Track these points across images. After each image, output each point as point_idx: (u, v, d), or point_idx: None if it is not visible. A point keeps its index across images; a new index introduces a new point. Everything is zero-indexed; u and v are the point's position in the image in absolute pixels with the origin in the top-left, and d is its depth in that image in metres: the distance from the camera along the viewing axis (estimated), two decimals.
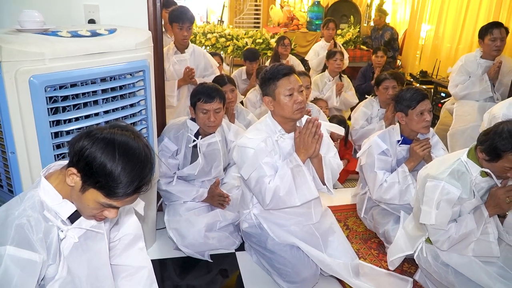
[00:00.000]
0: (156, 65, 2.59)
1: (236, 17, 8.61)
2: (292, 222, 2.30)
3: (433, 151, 2.77)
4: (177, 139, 2.62)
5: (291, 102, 2.11)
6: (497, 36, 3.55)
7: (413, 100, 2.61)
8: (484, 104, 3.71)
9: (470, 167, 2.14)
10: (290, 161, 2.15)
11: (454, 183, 2.11)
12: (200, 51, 3.73)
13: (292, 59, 5.54)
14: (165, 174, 2.62)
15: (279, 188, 2.10)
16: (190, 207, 2.65)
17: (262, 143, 2.14)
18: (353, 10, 7.46)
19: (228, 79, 3.39)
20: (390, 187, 2.63)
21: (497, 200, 2.06)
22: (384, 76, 3.78)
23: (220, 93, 2.54)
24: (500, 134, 1.98)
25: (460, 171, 2.14)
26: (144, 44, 2.10)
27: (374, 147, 2.71)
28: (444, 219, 2.11)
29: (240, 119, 3.57)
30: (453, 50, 6.02)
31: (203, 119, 2.53)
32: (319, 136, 2.12)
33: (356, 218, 3.09)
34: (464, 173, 2.14)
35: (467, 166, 2.15)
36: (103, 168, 1.16)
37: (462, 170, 2.15)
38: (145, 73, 2.12)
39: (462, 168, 2.15)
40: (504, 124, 2.02)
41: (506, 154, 1.96)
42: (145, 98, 2.17)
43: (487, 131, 2.07)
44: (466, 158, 2.17)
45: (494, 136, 2.00)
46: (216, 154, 2.70)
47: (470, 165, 2.14)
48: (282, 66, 2.14)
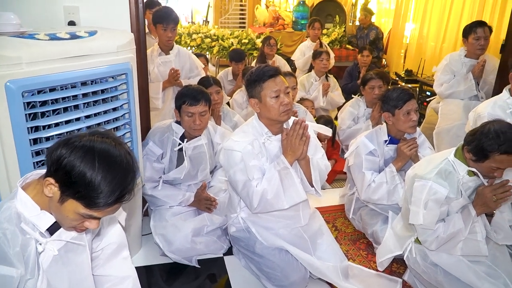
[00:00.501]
0: (139, 67, 2.54)
1: (222, 17, 8.56)
2: (280, 225, 2.27)
3: (420, 150, 2.77)
4: (162, 143, 2.57)
5: (278, 104, 2.07)
6: (481, 35, 3.56)
7: (400, 100, 2.60)
8: (469, 103, 3.72)
9: (457, 167, 2.13)
10: (277, 163, 2.11)
11: (441, 182, 2.10)
12: (185, 52, 3.68)
13: (278, 59, 5.51)
14: (150, 179, 2.57)
15: (267, 191, 2.06)
16: (177, 211, 2.60)
17: (249, 145, 2.10)
18: (338, 10, 7.47)
19: (214, 81, 3.34)
20: (378, 187, 2.62)
21: (484, 198, 2.06)
22: (370, 75, 3.77)
23: (206, 96, 2.50)
24: (487, 134, 1.97)
25: (447, 170, 2.13)
26: (126, 47, 2.05)
27: (361, 148, 2.70)
28: (432, 219, 2.09)
29: (226, 120, 3.53)
30: (437, 49, 6.06)
31: (189, 122, 2.48)
32: (307, 138, 2.09)
33: (345, 219, 3.07)
34: (451, 173, 2.13)
35: (454, 165, 2.14)
36: (82, 177, 1.11)
37: (449, 169, 2.14)
38: (127, 76, 2.07)
39: (449, 167, 2.14)
40: (491, 124, 2.01)
41: (493, 154, 1.95)
42: (128, 101, 2.12)
43: (474, 131, 2.07)
44: (453, 157, 2.16)
45: (480, 137, 2.00)
46: (202, 157, 2.66)
47: (457, 164, 2.13)
48: (268, 68, 2.11)
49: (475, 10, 5.38)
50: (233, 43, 6.92)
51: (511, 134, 1.93)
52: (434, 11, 6.15)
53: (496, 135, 1.94)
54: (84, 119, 1.92)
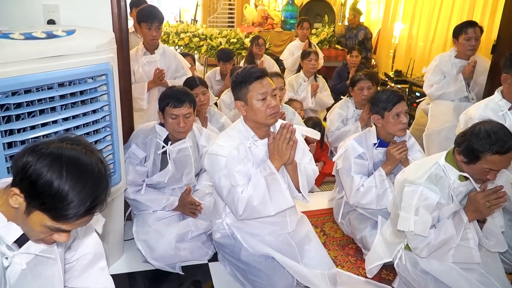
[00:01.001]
0: (121, 67, 2.46)
1: (210, 17, 8.46)
2: (266, 232, 2.20)
3: (410, 153, 2.71)
4: (145, 146, 2.49)
5: (264, 107, 2.00)
6: (472, 36, 3.53)
7: (389, 102, 2.55)
8: (459, 104, 3.68)
9: (448, 171, 2.08)
10: (263, 168, 2.04)
11: (432, 188, 2.05)
12: (170, 52, 3.59)
13: (267, 59, 5.45)
14: (133, 182, 2.48)
15: (253, 198, 1.99)
16: (160, 216, 2.52)
17: (234, 150, 2.03)
18: (327, 10, 7.42)
19: (200, 81, 3.26)
20: (367, 191, 2.56)
21: (477, 204, 2.01)
22: (358, 76, 3.72)
23: (190, 97, 2.42)
24: (477, 134, 1.92)
25: (438, 175, 2.08)
26: (106, 46, 1.96)
27: (350, 151, 2.64)
28: (424, 225, 2.04)
29: (213, 122, 3.45)
30: (426, 49, 6.03)
31: (172, 124, 2.40)
32: (294, 142, 2.02)
33: (333, 223, 3.01)
34: (442, 178, 2.08)
35: (445, 170, 2.09)
36: (48, 187, 1.03)
37: (440, 174, 2.09)
38: (108, 77, 1.98)
39: (440, 172, 2.09)
40: (481, 125, 1.97)
41: (484, 155, 1.90)
42: (108, 103, 2.03)
43: (464, 132, 2.02)
44: (444, 162, 2.11)
45: (471, 137, 1.95)
46: (187, 160, 2.58)
47: (448, 169, 2.09)
48: (254, 69, 2.03)
49: (465, 10, 5.34)
50: (222, 42, 6.84)
51: (502, 134, 1.89)
52: (424, 10, 6.12)
53: (487, 135, 1.89)
54: (62, 122, 1.84)
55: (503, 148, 1.87)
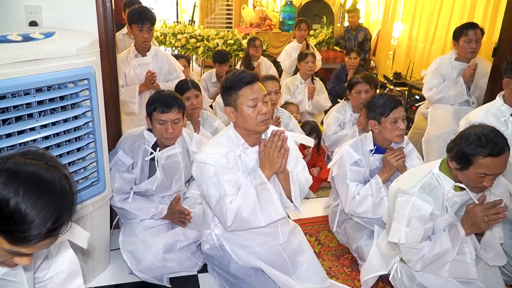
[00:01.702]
0: (107, 70, 2.37)
1: (208, 17, 8.39)
2: (257, 243, 2.10)
3: (408, 160, 2.62)
4: (132, 152, 2.39)
5: (255, 113, 1.91)
6: (472, 38, 3.43)
7: (386, 107, 2.45)
8: (459, 108, 3.59)
9: (442, 181, 1.99)
10: (254, 177, 1.95)
11: (425, 198, 1.96)
12: (163, 54, 3.50)
13: (264, 60, 5.37)
14: (120, 190, 2.39)
15: (242, 208, 1.90)
16: (148, 225, 2.42)
17: (223, 158, 1.94)
18: (326, 11, 7.33)
19: (192, 84, 3.17)
20: (363, 199, 2.47)
21: (474, 218, 1.91)
22: (356, 79, 3.63)
23: (179, 102, 2.33)
24: (467, 138, 1.84)
25: (431, 185, 1.99)
26: (88, 49, 1.87)
27: (345, 157, 2.55)
28: (415, 237, 1.95)
29: (206, 126, 3.36)
30: (426, 51, 5.93)
31: (160, 130, 2.30)
32: (285, 151, 1.92)
33: (329, 231, 2.92)
34: (435, 187, 1.99)
35: (439, 179, 2.00)
36: (4, 207, 0.93)
37: (434, 183, 2.00)
38: (90, 82, 1.89)
39: (434, 181, 2.00)
40: (471, 128, 1.89)
41: (476, 158, 1.81)
42: (91, 109, 1.94)
43: (455, 138, 1.94)
44: (438, 170, 2.02)
45: (461, 141, 1.87)
46: (177, 167, 2.48)
47: (442, 178, 2.00)
48: (245, 74, 1.94)
49: (465, 11, 5.25)
50: (219, 43, 6.75)
51: (493, 135, 1.80)
52: (424, 11, 6.02)
53: (477, 137, 1.81)
54: (40, 129, 1.75)
55: (495, 150, 1.78)
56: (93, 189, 2.05)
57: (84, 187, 2.00)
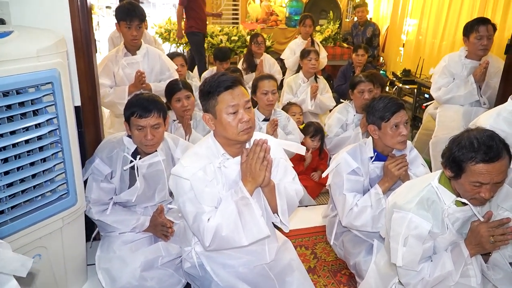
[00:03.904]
0: (84, 72, 2.22)
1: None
2: (241, 262, 1.91)
3: (412, 167, 2.41)
4: (110, 160, 2.21)
5: (236, 121, 1.72)
6: (484, 34, 3.20)
7: (387, 111, 2.24)
8: (469, 109, 3.36)
9: (442, 195, 1.78)
10: (235, 192, 1.76)
11: (423, 214, 1.75)
12: (154, 53, 3.31)
13: (267, 58, 5.17)
14: (97, 201, 2.22)
15: (221, 227, 1.71)
16: (128, 239, 2.25)
17: (200, 171, 1.75)
18: (333, 5, 7.08)
19: (184, 84, 3.00)
20: (361, 212, 2.27)
21: (479, 238, 1.69)
22: (358, 78, 3.42)
23: (159, 105, 2.14)
24: (459, 142, 1.64)
25: (430, 199, 1.78)
26: (50, 50, 1.70)
27: (342, 166, 2.34)
28: (413, 258, 1.75)
29: (198, 129, 3.18)
30: (435, 47, 5.66)
31: (139, 137, 2.13)
32: (268, 162, 1.73)
33: (326, 244, 2.71)
34: (435, 202, 1.78)
35: (439, 193, 1.79)
36: None
37: (433, 198, 1.79)
38: (54, 86, 1.72)
39: (433, 195, 1.79)
40: (466, 132, 1.68)
41: (467, 165, 1.61)
42: (56, 115, 1.77)
43: (448, 142, 1.73)
44: (437, 183, 1.81)
45: (452, 146, 1.67)
46: (160, 176, 2.30)
47: (441, 192, 1.78)
48: (225, 77, 1.75)
49: (476, 5, 4.97)
50: (222, 40, 6.57)
51: (488, 140, 1.59)
52: (433, 5, 5.75)
53: (470, 142, 1.61)
54: None
55: (488, 156, 1.57)
56: (62, 203, 1.88)
57: (51, 200, 1.84)
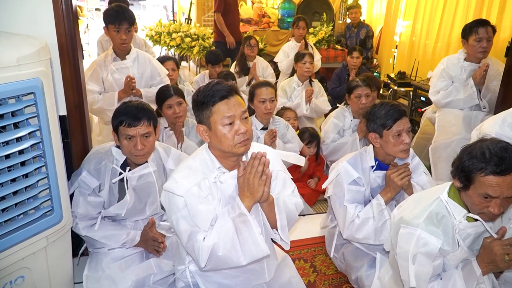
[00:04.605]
0: (70, 80, 2.10)
1: (205, 15, 8.08)
2: (238, 282, 1.80)
3: (414, 176, 2.32)
4: (98, 172, 2.09)
5: (232, 133, 1.61)
6: (483, 36, 3.12)
7: (389, 119, 2.14)
8: (469, 113, 3.28)
9: (452, 209, 1.68)
10: (232, 208, 1.65)
11: (432, 230, 1.65)
12: (145, 57, 3.19)
13: (260, 60, 5.06)
14: (85, 216, 2.10)
15: (218, 246, 1.60)
16: (118, 256, 2.13)
17: (194, 187, 1.64)
18: (326, 7, 6.99)
19: (175, 90, 2.88)
20: (363, 224, 2.17)
21: (493, 256, 1.60)
22: (355, 82, 3.33)
23: (148, 113, 2.03)
24: (470, 151, 1.56)
25: (439, 214, 1.68)
26: (32, 58, 1.58)
27: (343, 176, 2.24)
28: (423, 277, 1.65)
29: (191, 136, 3.07)
30: (430, 48, 5.59)
31: (128, 146, 2.01)
32: (267, 177, 1.62)
33: (326, 256, 2.61)
34: (444, 217, 1.68)
35: (448, 207, 1.69)
36: None
37: (442, 212, 1.69)
38: (36, 96, 1.60)
39: (442, 210, 1.69)
40: (480, 142, 1.59)
41: (476, 176, 1.53)
42: (39, 128, 1.64)
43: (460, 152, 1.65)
44: (446, 197, 1.71)
45: (463, 155, 1.58)
46: (151, 188, 2.19)
47: (451, 206, 1.69)
48: (220, 86, 1.64)
49: (471, 7, 4.89)
50: None
51: (501, 150, 1.50)
52: (427, 6, 5.67)
53: (481, 152, 1.52)
54: None
55: (499, 168, 1.48)
56: (46, 221, 1.75)
57: (34, 219, 1.71)
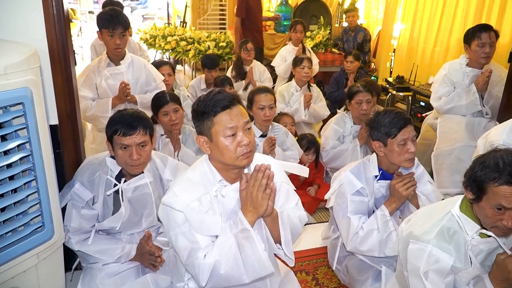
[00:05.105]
0: (62, 88, 2.02)
1: (200, 18, 8.01)
2: None
3: (418, 185, 2.24)
4: (92, 184, 2.00)
5: (234, 145, 1.53)
6: (486, 41, 3.06)
7: (394, 127, 2.07)
8: (472, 120, 3.22)
9: (464, 224, 1.61)
10: (234, 223, 1.57)
11: (444, 247, 1.58)
12: (140, 62, 3.10)
13: (257, 65, 4.98)
14: (78, 230, 2.00)
15: (219, 264, 1.51)
16: (113, 271, 2.03)
17: (195, 201, 1.55)
18: (323, 10, 6.93)
19: (171, 97, 2.80)
20: (367, 236, 2.10)
21: (507, 274, 1.52)
22: (356, 88, 3.25)
23: (144, 122, 1.94)
24: (483, 161, 1.50)
25: (451, 229, 1.61)
26: (21, 66, 1.49)
27: (346, 186, 2.17)
28: None
29: (188, 143, 2.98)
30: (428, 52, 5.53)
31: (123, 156, 1.92)
32: (272, 191, 1.54)
33: (328, 267, 2.52)
34: (456, 232, 1.61)
35: (460, 222, 1.61)
36: None
37: (454, 228, 1.61)
38: (25, 106, 1.51)
39: (454, 225, 1.62)
40: (493, 152, 1.53)
41: (489, 186, 1.46)
42: (28, 140, 1.55)
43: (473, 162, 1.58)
44: (458, 211, 1.64)
45: (475, 165, 1.52)
46: (147, 199, 2.10)
47: (464, 221, 1.61)
48: (221, 95, 1.55)
49: (470, 11, 4.83)
50: (210, 46, 6.38)
51: None
52: (426, 10, 5.61)
53: (494, 162, 1.46)
54: None
55: None
56: (37, 237, 1.66)
57: (24, 236, 1.61)
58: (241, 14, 5.31)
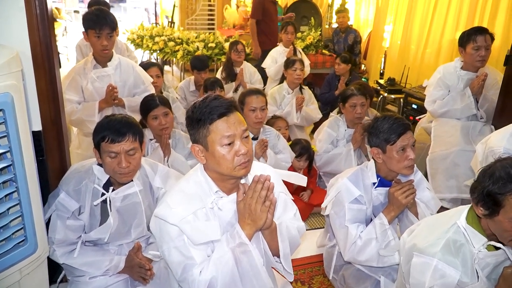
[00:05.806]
0: (46, 92, 1.91)
1: (188, 18, 7.89)
2: None
3: (417, 192, 2.17)
4: (78, 193, 1.90)
5: (231, 154, 1.44)
6: (481, 44, 3.02)
7: (393, 133, 2.01)
8: (467, 124, 3.17)
9: (471, 237, 1.54)
10: (231, 236, 1.48)
11: (450, 260, 1.51)
12: (128, 64, 2.99)
13: (247, 66, 4.90)
14: (63, 242, 1.90)
15: (216, 280, 1.43)
16: (101, 284, 1.93)
17: (190, 215, 1.46)
18: (313, 11, 6.86)
19: (161, 100, 2.70)
20: (365, 245, 2.03)
21: None
22: (350, 91, 3.19)
23: (134, 128, 1.84)
24: (492, 173, 1.43)
25: (457, 242, 1.54)
26: (2, 70, 1.39)
27: (343, 194, 2.10)
28: None
29: (178, 148, 2.88)
30: (419, 54, 5.51)
31: (112, 164, 1.82)
32: (271, 203, 1.46)
33: (324, 276, 2.45)
34: (463, 245, 1.54)
35: (467, 235, 1.55)
36: None
37: (460, 240, 1.55)
38: (5, 113, 1.41)
39: (460, 237, 1.55)
40: (498, 162, 1.47)
41: (506, 198, 1.39)
42: (9, 149, 1.45)
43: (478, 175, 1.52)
44: (464, 223, 1.57)
45: (484, 179, 1.45)
46: (136, 208, 2.00)
47: (470, 233, 1.55)
48: (218, 102, 1.46)
49: (463, 13, 4.81)
50: (199, 47, 6.27)
51: None
52: (417, 12, 5.59)
53: (506, 172, 1.40)
54: None
55: None
56: (19, 252, 1.56)
57: (6, 251, 1.51)
58: (256, 16, 5.23)
